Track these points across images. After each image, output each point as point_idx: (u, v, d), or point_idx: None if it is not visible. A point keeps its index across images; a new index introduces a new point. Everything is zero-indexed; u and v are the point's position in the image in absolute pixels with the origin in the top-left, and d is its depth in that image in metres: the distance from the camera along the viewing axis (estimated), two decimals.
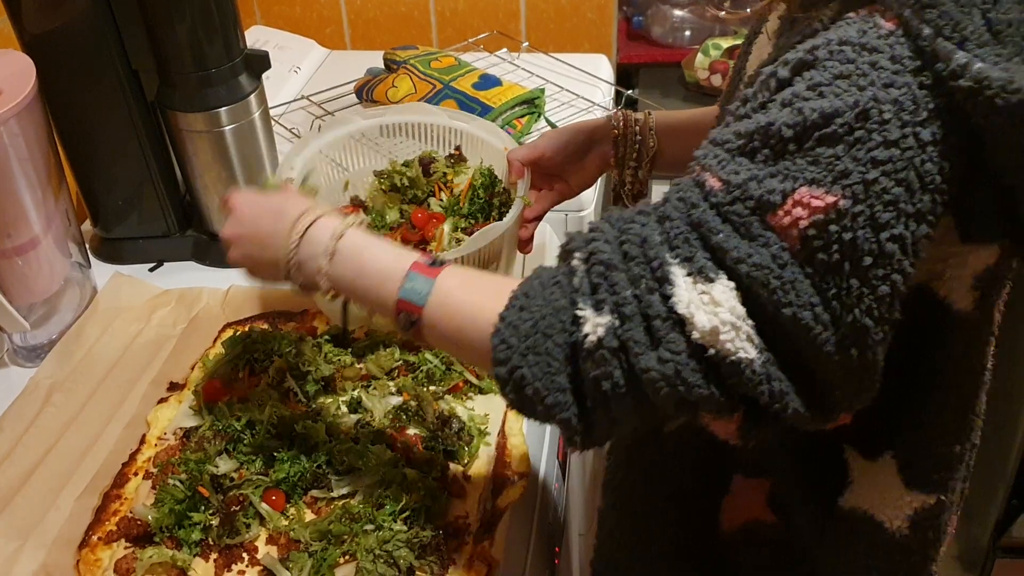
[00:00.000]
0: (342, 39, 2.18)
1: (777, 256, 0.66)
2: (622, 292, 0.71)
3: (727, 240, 0.68)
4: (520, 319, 0.76)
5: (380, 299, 0.86)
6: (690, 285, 0.68)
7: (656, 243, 0.70)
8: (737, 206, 0.68)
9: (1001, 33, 0.63)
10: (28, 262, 1.21)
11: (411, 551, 0.94)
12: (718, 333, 0.67)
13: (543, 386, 0.74)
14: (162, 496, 1.00)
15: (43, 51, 1.24)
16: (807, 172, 0.66)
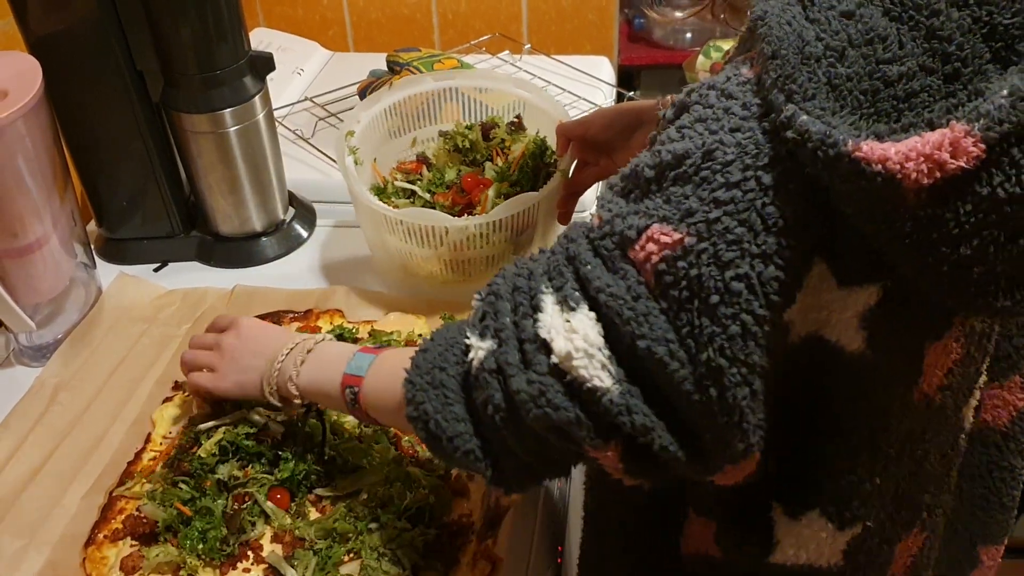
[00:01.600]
0: (345, 41, 2.18)
1: (632, 288, 0.68)
2: (503, 319, 0.75)
3: (593, 271, 0.70)
4: (423, 359, 0.81)
5: (332, 385, 0.94)
6: (556, 312, 0.71)
7: (539, 274, 0.74)
8: (606, 240, 0.71)
9: (839, 87, 0.64)
10: (34, 262, 1.22)
11: (415, 549, 0.94)
12: (571, 358, 0.69)
13: (442, 417, 0.79)
14: (168, 496, 1.00)
15: (49, 52, 1.24)
16: (660, 210, 0.68)
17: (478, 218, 1.21)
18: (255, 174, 1.39)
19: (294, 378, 0.98)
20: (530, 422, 0.72)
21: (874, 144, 0.61)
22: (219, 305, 1.33)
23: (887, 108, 0.63)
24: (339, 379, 0.93)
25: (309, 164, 1.61)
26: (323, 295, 1.33)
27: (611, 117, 1.22)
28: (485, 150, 1.38)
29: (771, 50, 0.66)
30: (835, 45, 0.64)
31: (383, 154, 1.40)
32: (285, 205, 1.48)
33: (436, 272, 1.29)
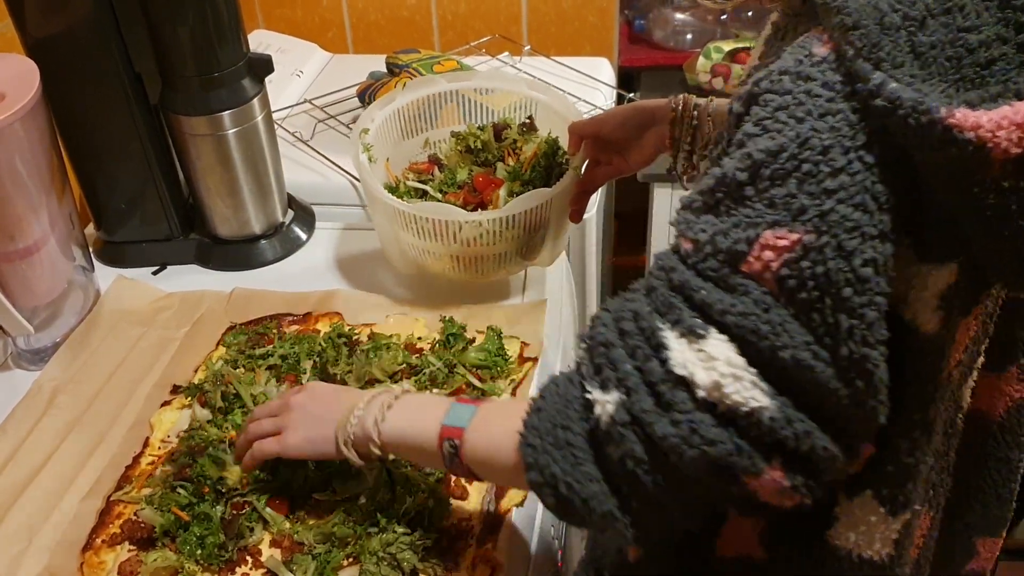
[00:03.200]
0: (344, 43, 2.18)
1: (760, 301, 0.67)
2: (623, 366, 0.72)
3: (709, 295, 0.69)
4: (539, 420, 0.77)
5: (425, 437, 0.88)
6: (684, 345, 0.69)
7: (646, 313, 0.72)
8: (710, 262, 0.69)
9: (923, 55, 0.64)
10: (32, 265, 1.22)
11: (415, 553, 0.94)
12: (720, 387, 0.67)
13: (574, 479, 0.74)
14: (166, 501, 1.00)
15: (47, 55, 1.24)
16: (767, 215, 0.67)
17: (491, 213, 1.20)
18: (254, 176, 1.39)
19: (378, 427, 0.91)
20: (685, 465, 0.69)
21: (967, 111, 0.61)
22: (217, 308, 1.32)
23: (971, 75, 0.63)
24: (435, 431, 0.87)
25: (308, 166, 1.61)
26: (322, 298, 1.32)
27: (624, 116, 1.21)
28: (497, 151, 1.38)
29: (851, 21, 0.65)
30: (914, 14, 0.64)
31: (396, 154, 1.40)
32: (284, 207, 1.48)
33: (448, 269, 1.28)
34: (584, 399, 0.75)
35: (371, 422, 0.92)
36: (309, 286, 1.36)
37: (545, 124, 1.40)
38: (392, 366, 1.16)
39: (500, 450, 0.82)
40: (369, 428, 0.91)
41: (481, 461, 0.86)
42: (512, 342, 1.22)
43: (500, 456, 0.83)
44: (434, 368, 1.15)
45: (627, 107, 1.23)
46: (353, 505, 0.99)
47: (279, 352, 1.19)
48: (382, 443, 0.92)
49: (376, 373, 1.15)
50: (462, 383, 1.14)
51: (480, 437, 0.85)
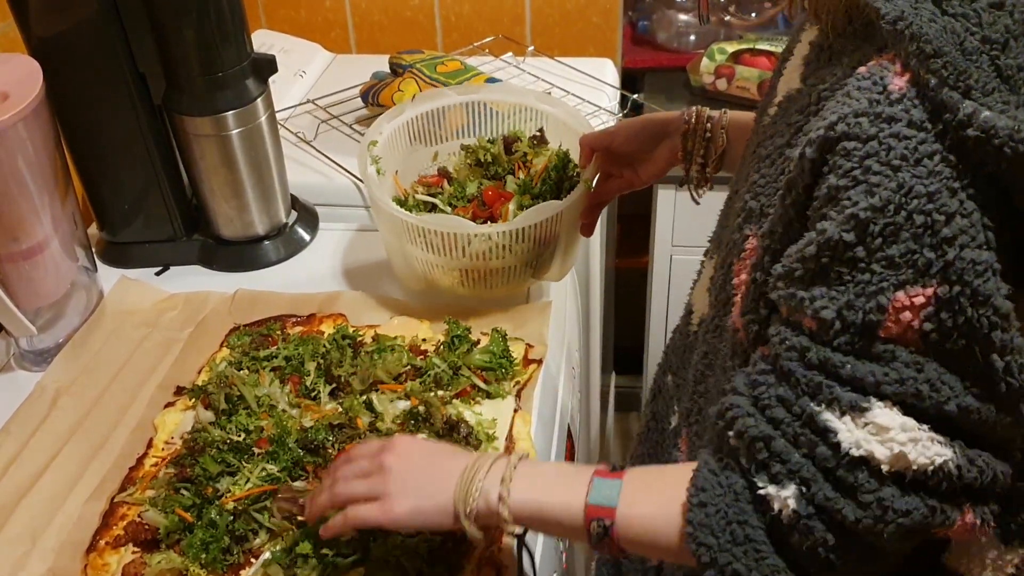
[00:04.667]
0: (347, 43, 2.18)
1: (910, 363, 0.66)
2: (791, 458, 0.70)
3: (856, 369, 0.68)
4: (707, 516, 0.74)
5: (568, 514, 0.82)
6: (850, 423, 0.68)
7: (794, 399, 0.71)
8: (845, 337, 0.68)
9: (1012, 79, 0.62)
10: (35, 266, 1.21)
11: (420, 556, 0.93)
12: (904, 456, 0.67)
13: (760, 574, 0.73)
14: (170, 503, 1.00)
15: (50, 55, 1.24)
16: (891, 276, 0.65)
17: (501, 226, 1.18)
18: (257, 177, 1.38)
19: (507, 502, 0.83)
20: (883, 542, 0.69)
21: None
22: (221, 309, 1.32)
23: None
24: (580, 508, 0.81)
25: (311, 167, 1.60)
26: (326, 299, 1.32)
27: (636, 129, 1.20)
28: (507, 164, 1.37)
29: (932, 48, 0.63)
30: (995, 37, 0.62)
31: (405, 167, 1.38)
32: (287, 208, 1.47)
33: (456, 284, 1.26)
34: (757, 495, 0.73)
35: (495, 496, 0.83)
36: (313, 287, 1.36)
37: (556, 137, 1.39)
38: (397, 368, 1.16)
39: (660, 534, 0.79)
40: (494, 502, 0.83)
41: (636, 542, 0.81)
42: (517, 344, 1.21)
43: (660, 540, 0.79)
44: (439, 370, 1.14)
45: (638, 120, 1.21)
46: None
47: (283, 354, 1.19)
48: (513, 517, 0.83)
49: (380, 375, 1.15)
50: (467, 385, 1.14)
51: (635, 518, 0.80)
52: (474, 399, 1.14)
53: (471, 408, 1.12)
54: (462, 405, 1.12)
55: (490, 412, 1.12)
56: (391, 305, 1.30)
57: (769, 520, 0.72)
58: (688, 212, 1.83)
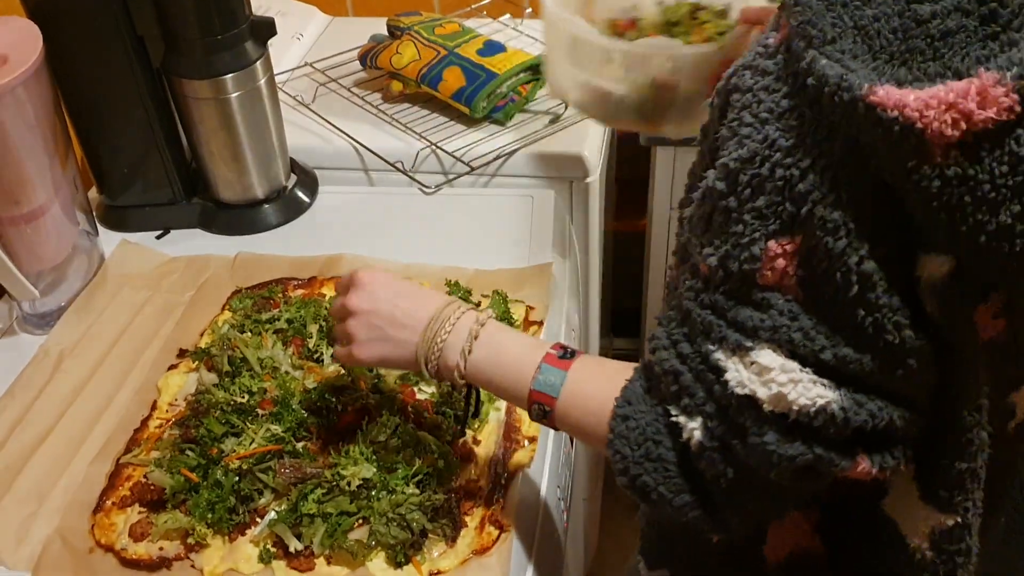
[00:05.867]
0: (344, 5, 2.16)
1: (785, 311, 0.67)
2: (696, 393, 0.73)
3: (738, 313, 0.69)
4: (627, 428, 0.78)
5: (515, 390, 0.88)
6: (738, 363, 0.69)
7: (696, 336, 0.73)
8: (727, 285, 0.69)
9: (865, 28, 0.60)
10: (36, 229, 1.22)
11: (424, 514, 0.95)
12: (783, 397, 0.67)
13: (666, 490, 0.76)
14: (175, 463, 1.01)
15: (49, 18, 1.23)
16: (762, 228, 0.66)
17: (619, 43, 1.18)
18: (257, 140, 1.38)
19: (461, 367, 0.89)
20: (774, 479, 0.71)
21: (891, 89, 0.58)
22: (222, 272, 1.32)
23: (921, 48, 0.59)
24: (525, 389, 0.86)
25: (310, 130, 1.60)
26: (327, 262, 1.32)
27: None
28: (688, 27, 1.33)
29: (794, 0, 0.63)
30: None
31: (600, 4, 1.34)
32: (287, 171, 1.47)
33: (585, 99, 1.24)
34: (669, 421, 0.76)
35: (456, 354, 0.90)
36: (313, 250, 1.36)
37: None
38: None
39: (589, 431, 0.83)
40: (452, 361, 0.90)
41: (571, 429, 0.87)
42: (518, 306, 1.22)
43: (589, 436, 0.84)
44: None
45: None
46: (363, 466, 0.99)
47: (285, 316, 1.19)
48: (467, 376, 0.90)
49: None
50: None
51: (571, 410, 0.84)
52: None
53: None
54: None
55: None
56: (392, 267, 1.31)
57: (681, 446, 0.75)
58: (686, 173, 1.83)
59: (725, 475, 0.73)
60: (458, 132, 1.57)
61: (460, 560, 0.94)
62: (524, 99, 1.61)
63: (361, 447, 1.00)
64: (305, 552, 0.95)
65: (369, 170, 1.55)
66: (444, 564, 0.94)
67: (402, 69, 1.62)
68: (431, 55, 1.61)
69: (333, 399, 1.06)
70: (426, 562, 0.94)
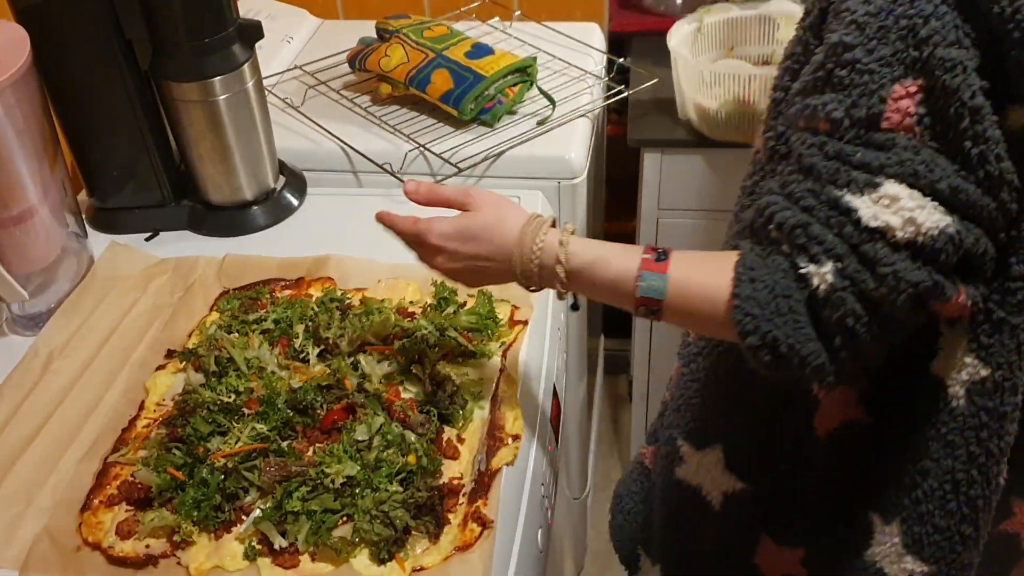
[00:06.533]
0: (334, 8, 2.17)
1: (908, 147, 0.77)
2: (825, 239, 0.80)
3: (865, 155, 0.79)
4: (755, 290, 0.83)
5: (618, 297, 0.93)
6: (867, 200, 0.79)
7: (819, 188, 0.81)
8: (853, 131, 0.80)
9: None
10: (25, 232, 1.23)
11: (407, 511, 0.96)
12: (915, 220, 0.77)
13: (795, 340, 0.82)
14: (162, 462, 1.02)
15: (37, 21, 1.24)
16: (888, 74, 0.77)
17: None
18: (245, 142, 1.39)
19: (560, 273, 0.94)
20: (896, 310, 0.80)
21: None
22: (210, 274, 1.33)
23: None
24: (630, 297, 0.91)
25: (299, 133, 1.61)
26: (314, 263, 1.33)
27: None
28: None
29: None
30: None
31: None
32: (275, 173, 1.48)
33: None
34: (798, 274, 0.82)
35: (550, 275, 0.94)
36: (301, 251, 1.37)
37: None
38: (384, 330, 1.18)
39: (704, 313, 0.89)
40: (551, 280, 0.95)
41: (680, 320, 0.93)
42: (503, 305, 1.23)
43: (704, 316, 0.89)
44: (425, 331, 1.16)
45: None
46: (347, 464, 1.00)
47: (272, 317, 1.20)
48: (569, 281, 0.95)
49: (368, 337, 1.16)
50: (453, 345, 1.16)
51: (680, 305, 0.90)
52: (460, 359, 1.16)
53: (457, 368, 1.14)
54: (449, 366, 1.14)
55: (476, 372, 1.14)
56: (379, 269, 1.32)
57: (808, 296, 0.82)
58: (674, 176, 1.85)
59: (853, 313, 0.80)
60: (446, 134, 1.58)
61: (443, 556, 0.95)
62: (512, 101, 1.62)
63: (345, 445, 1.01)
64: (290, 549, 0.95)
65: (358, 172, 1.56)
66: (427, 560, 0.95)
67: (391, 72, 1.63)
68: (419, 58, 1.62)
69: (318, 398, 1.07)
70: (409, 559, 0.95)
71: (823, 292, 0.81)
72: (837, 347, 0.82)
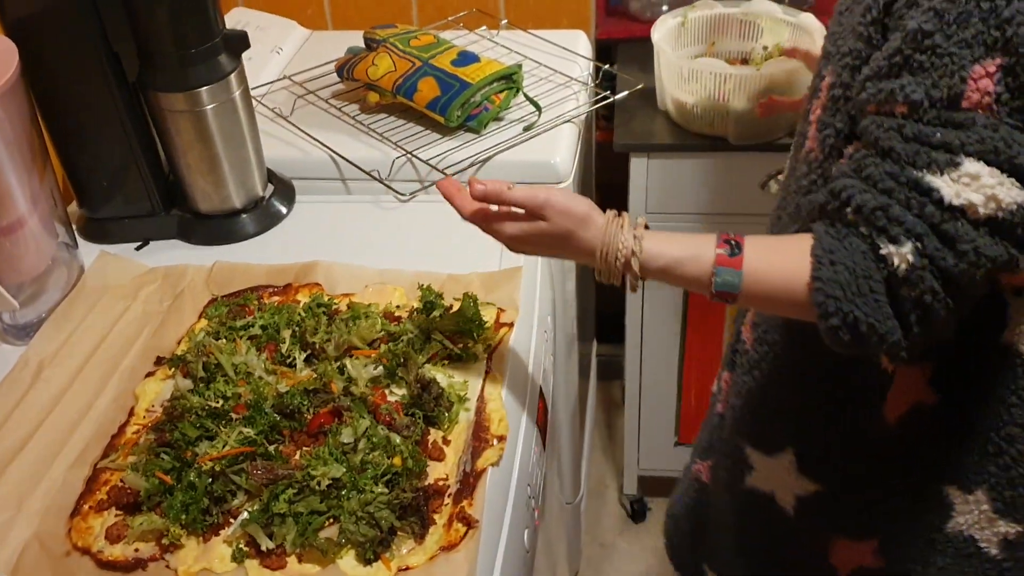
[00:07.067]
0: (323, 19, 2.19)
1: (987, 125, 0.80)
2: (905, 219, 0.83)
3: (944, 136, 0.82)
4: (835, 272, 0.87)
5: (697, 290, 0.96)
6: (947, 180, 0.82)
7: (899, 171, 0.84)
8: (932, 112, 0.82)
9: None
10: (15, 242, 1.24)
11: (392, 512, 0.97)
12: (996, 196, 0.80)
13: (875, 319, 0.86)
14: (150, 466, 1.03)
15: (24, 34, 1.26)
16: (967, 55, 0.80)
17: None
18: (233, 151, 1.41)
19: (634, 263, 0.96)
20: (974, 287, 0.85)
21: None
22: (199, 281, 1.34)
23: None
24: (708, 291, 0.94)
25: (289, 142, 1.62)
26: (302, 270, 1.35)
27: None
28: None
29: None
30: None
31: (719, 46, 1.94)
32: (264, 182, 1.50)
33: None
34: (877, 255, 0.86)
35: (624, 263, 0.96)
36: (290, 258, 1.38)
37: None
38: (371, 334, 1.19)
39: (779, 299, 0.93)
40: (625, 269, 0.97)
41: (756, 305, 1.00)
42: (488, 308, 1.24)
43: (781, 300, 0.93)
44: (411, 334, 1.17)
45: None
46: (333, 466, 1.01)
47: (259, 323, 1.21)
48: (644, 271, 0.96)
49: (355, 341, 1.18)
50: (438, 348, 1.17)
51: (756, 294, 0.93)
52: (446, 362, 1.17)
53: (443, 371, 1.15)
54: (434, 369, 1.15)
55: (461, 375, 1.15)
56: (366, 274, 1.33)
57: (886, 275, 0.86)
58: (659, 180, 1.86)
59: (932, 290, 0.84)
60: (433, 141, 1.60)
61: (428, 556, 0.96)
62: (498, 108, 1.63)
63: (331, 448, 1.02)
64: (277, 551, 0.96)
65: (346, 179, 1.57)
66: (413, 560, 0.96)
67: (378, 80, 1.64)
68: (406, 66, 1.64)
69: (305, 402, 1.08)
70: (395, 559, 0.95)
71: (903, 272, 0.84)
72: (912, 323, 0.86)
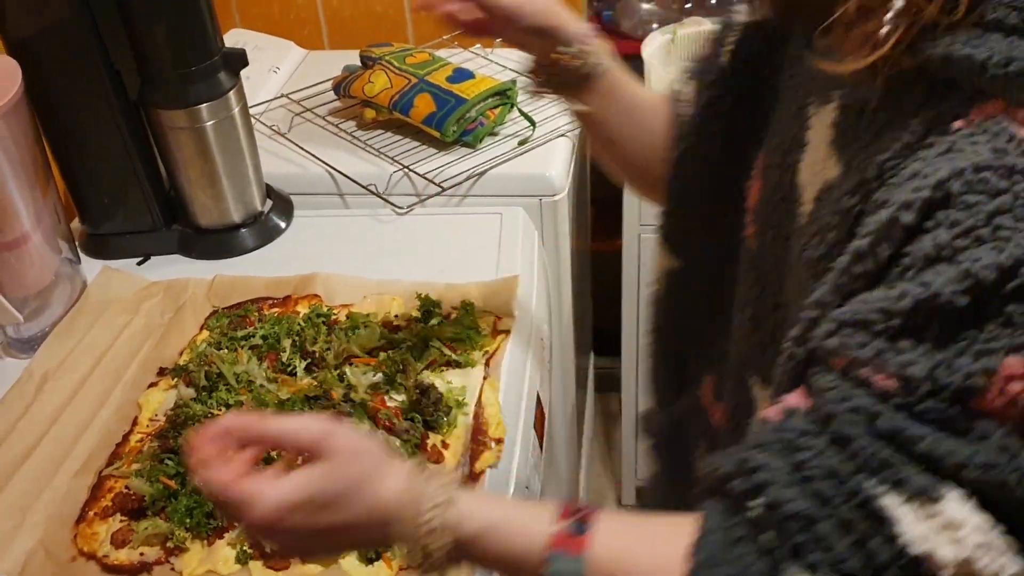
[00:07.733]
0: (320, 39, 2.22)
1: (1004, 446, 0.56)
2: (837, 547, 0.58)
3: (936, 444, 0.57)
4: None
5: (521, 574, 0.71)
6: (915, 514, 0.57)
7: (848, 473, 0.59)
8: (930, 402, 0.57)
9: None
10: (20, 257, 1.26)
11: None
12: (972, 563, 0.56)
13: None
14: (155, 472, 1.04)
15: (27, 54, 1.28)
16: (1007, 338, 0.56)
17: None
18: (232, 167, 1.43)
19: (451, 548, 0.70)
20: None
21: None
22: (200, 294, 1.36)
23: None
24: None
25: (287, 159, 1.65)
26: (301, 282, 1.36)
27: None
28: None
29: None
30: None
31: None
32: (263, 197, 1.52)
33: None
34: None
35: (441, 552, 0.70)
36: (289, 272, 1.39)
37: None
38: (370, 343, 1.21)
39: None
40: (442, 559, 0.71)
41: None
42: (485, 316, 1.26)
43: None
44: (409, 342, 1.19)
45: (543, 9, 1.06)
46: None
47: (260, 333, 1.23)
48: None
49: (354, 349, 1.20)
50: (436, 355, 1.19)
51: None
52: (444, 369, 1.19)
53: (441, 377, 1.17)
54: (433, 375, 1.17)
55: (459, 381, 1.17)
56: (365, 285, 1.35)
57: None
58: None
59: None
60: (430, 155, 1.62)
61: None
62: (493, 123, 1.66)
63: None
64: None
65: (344, 194, 1.60)
66: None
67: (374, 97, 1.67)
68: (402, 83, 1.67)
69: (306, 409, 1.10)
70: (396, 558, 0.97)
71: None
72: None
